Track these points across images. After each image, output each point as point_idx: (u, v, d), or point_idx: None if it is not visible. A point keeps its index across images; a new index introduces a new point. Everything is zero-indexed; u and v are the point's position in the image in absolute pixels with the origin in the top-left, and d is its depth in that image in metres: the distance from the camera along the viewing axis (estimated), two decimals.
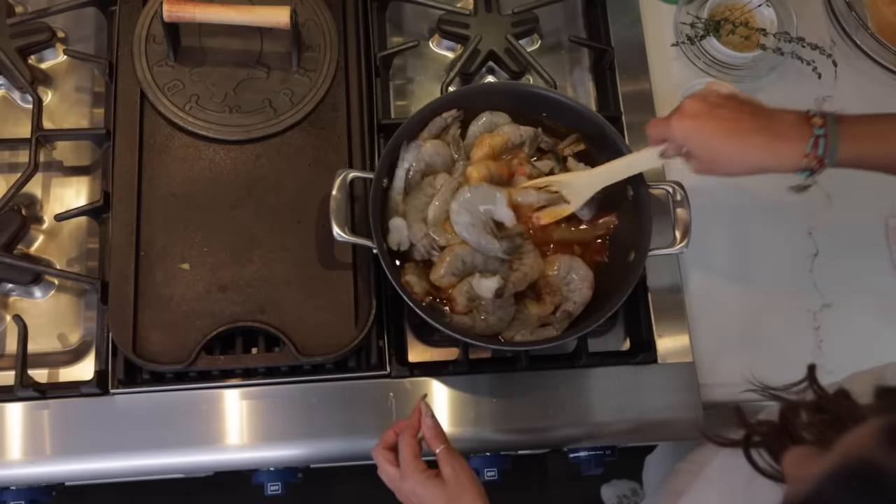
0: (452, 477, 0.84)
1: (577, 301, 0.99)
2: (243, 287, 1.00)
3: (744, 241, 1.13)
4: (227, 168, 1.06)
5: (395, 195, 1.01)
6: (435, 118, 1.02)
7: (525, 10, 1.18)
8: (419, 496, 0.84)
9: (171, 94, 1.07)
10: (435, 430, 0.87)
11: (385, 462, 0.87)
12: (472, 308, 0.98)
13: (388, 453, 0.87)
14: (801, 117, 0.84)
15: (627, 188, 1.01)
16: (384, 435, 0.88)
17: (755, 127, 0.84)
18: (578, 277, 1.00)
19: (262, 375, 1.01)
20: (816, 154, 0.82)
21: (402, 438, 0.86)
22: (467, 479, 0.84)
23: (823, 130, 0.82)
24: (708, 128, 0.85)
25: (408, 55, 1.20)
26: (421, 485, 0.84)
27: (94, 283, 1.03)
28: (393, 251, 0.99)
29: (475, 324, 0.97)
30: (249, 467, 1.03)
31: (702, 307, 1.09)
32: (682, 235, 0.98)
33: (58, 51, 1.17)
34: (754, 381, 0.73)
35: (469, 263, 0.99)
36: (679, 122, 0.87)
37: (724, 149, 0.85)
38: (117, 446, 0.99)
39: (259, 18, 1.03)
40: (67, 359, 1.04)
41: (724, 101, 0.86)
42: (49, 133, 1.09)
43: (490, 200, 0.99)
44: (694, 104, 0.86)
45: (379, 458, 0.87)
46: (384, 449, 0.88)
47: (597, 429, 1.02)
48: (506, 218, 0.99)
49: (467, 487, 0.83)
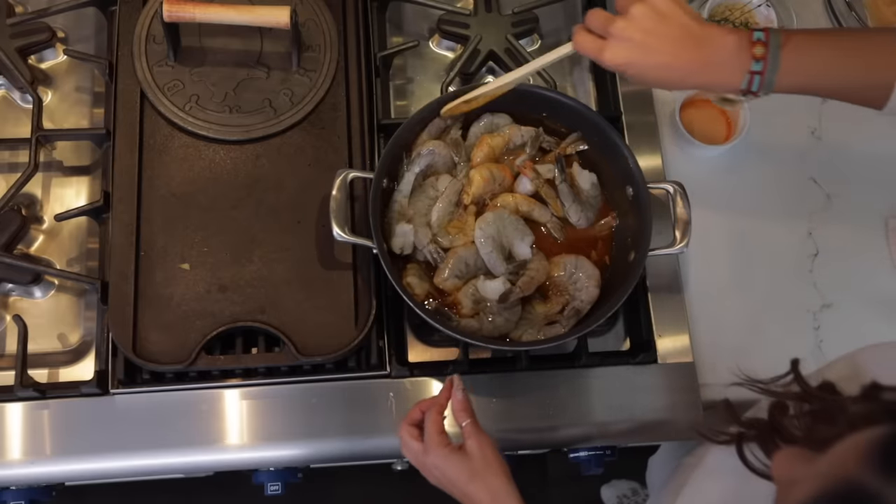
0: (477, 451, 0.83)
1: (585, 299, 0.99)
2: (243, 287, 1.00)
3: (744, 240, 1.13)
4: (227, 168, 1.06)
5: (401, 198, 1.01)
6: (435, 119, 1.02)
7: (525, 10, 1.18)
8: (441, 469, 0.84)
9: (171, 94, 1.07)
10: (464, 402, 0.87)
11: (409, 437, 0.86)
12: (479, 311, 0.98)
13: (413, 429, 0.87)
14: (742, 47, 0.82)
15: (627, 188, 1.01)
16: (410, 412, 0.88)
17: (692, 59, 0.82)
18: (585, 276, 1.00)
19: (262, 375, 1.01)
20: (751, 89, 0.82)
21: (429, 415, 0.86)
22: (491, 454, 0.83)
23: (761, 66, 0.81)
24: (642, 65, 0.83)
25: (408, 55, 1.20)
26: (444, 458, 0.83)
27: (94, 283, 1.03)
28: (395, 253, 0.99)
29: (482, 326, 0.97)
30: (249, 467, 1.03)
31: (702, 307, 1.09)
32: (682, 235, 0.98)
33: (58, 51, 1.17)
34: (740, 374, 0.73)
35: (472, 266, 0.99)
36: (612, 55, 0.83)
37: (659, 82, 0.87)
38: (117, 446, 0.99)
39: (259, 18, 1.03)
40: (67, 359, 1.04)
41: (663, 18, 0.81)
42: (49, 133, 1.09)
43: (518, 235, 1.00)
44: (627, 28, 0.82)
45: (403, 433, 0.87)
46: (409, 425, 0.87)
47: (597, 429, 1.02)
48: (522, 254, 1.00)
49: (491, 462, 0.83)
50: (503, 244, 1.00)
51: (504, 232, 1.00)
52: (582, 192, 1.04)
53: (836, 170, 1.16)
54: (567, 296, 1.00)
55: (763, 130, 1.16)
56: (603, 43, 0.84)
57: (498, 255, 0.99)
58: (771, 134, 1.17)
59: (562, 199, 1.03)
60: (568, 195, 1.03)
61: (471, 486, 0.82)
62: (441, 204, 1.00)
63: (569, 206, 1.03)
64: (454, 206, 1.02)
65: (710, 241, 1.11)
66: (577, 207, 1.03)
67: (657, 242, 0.97)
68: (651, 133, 1.15)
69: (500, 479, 0.82)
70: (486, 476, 0.82)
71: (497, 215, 1.00)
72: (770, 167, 1.16)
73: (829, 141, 1.18)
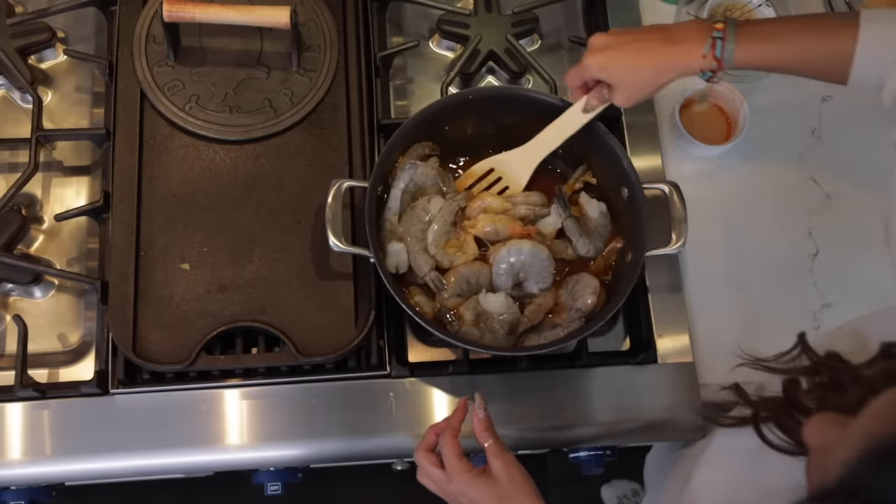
0: (504, 472, 0.81)
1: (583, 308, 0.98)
2: (243, 287, 1.00)
3: (744, 240, 1.13)
4: (227, 168, 1.06)
5: (391, 216, 1.00)
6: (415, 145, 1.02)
7: (525, 10, 1.17)
8: (468, 496, 0.81)
9: (171, 94, 1.07)
10: (486, 422, 0.84)
11: (429, 465, 0.84)
12: (480, 322, 0.98)
13: (431, 455, 0.84)
14: (702, 23, 0.90)
15: (622, 189, 1.01)
16: (424, 436, 0.86)
17: (660, 38, 0.90)
18: (581, 286, 1.00)
19: (262, 375, 1.01)
20: (714, 55, 0.87)
21: (444, 439, 0.84)
22: (519, 475, 0.81)
23: (721, 34, 0.87)
24: (620, 53, 0.90)
25: (408, 55, 1.20)
26: (469, 484, 0.80)
27: (94, 283, 1.03)
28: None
29: (483, 335, 0.97)
30: (249, 467, 1.03)
31: (702, 307, 1.09)
32: (679, 236, 0.98)
33: (58, 51, 1.17)
34: (743, 355, 0.73)
35: (474, 283, 0.99)
36: (592, 57, 0.91)
37: (637, 64, 0.91)
38: (117, 446, 0.99)
39: (259, 18, 1.03)
40: (67, 359, 1.04)
41: (626, 30, 0.93)
42: (49, 133, 1.09)
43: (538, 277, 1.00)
44: (600, 38, 0.92)
45: (422, 461, 0.84)
46: (426, 451, 0.85)
47: (597, 429, 1.02)
48: (531, 290, 1.00)
49: (519, 483, 0.80)
50: (519, 274, 1.00)
51: (526, 266, 0.99)
52: (590, 222, 1.03)
53: (836, 170, 1.16)
54: (571, 310, 1.00)
55: (763, 130, 1.16)
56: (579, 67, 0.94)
57: (509, 279, 0.99)
58: (771, 134, 1.17)
59: (568, 234, 1.02)
60: (574, 230, 1.01)
61: None
62: (437, 225, 0.99)
63: (576, 241, 1.01)
64: (451, 226, 1.01)
65: (711, 240, 1.11)
66: (584, 241, 1.01)
67: (655, 243, 0.97)
68: (651, 133, 1.15)
69: (530, 500, 0.80)
70: (516, 497, 0.79)
71: (519, 251, 0.98)
72: (770, 167, 1.16)
73: (829, 141, 1.18)
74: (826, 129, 1.18)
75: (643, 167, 1.10)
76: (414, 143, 1.03)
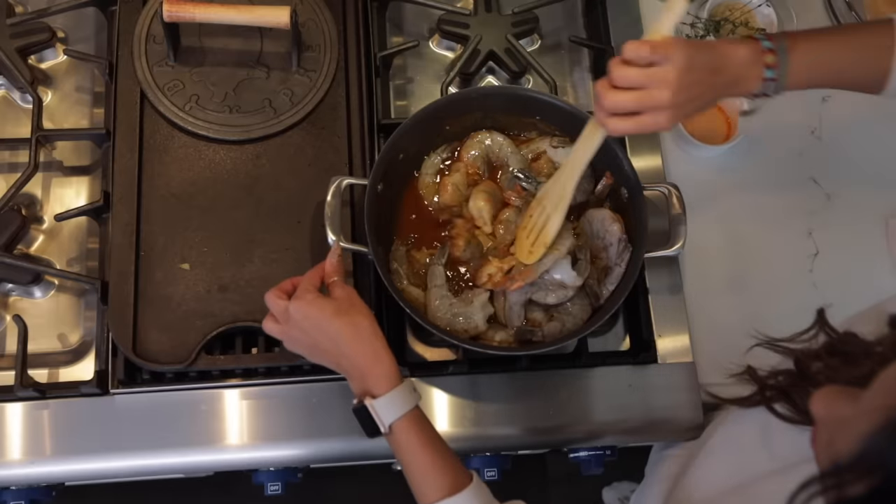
0: (343, 295, 0.85)
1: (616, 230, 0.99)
2: (243, 287, 1.00)
3: (744, 241, 1.13)
4: (227, 168, 1.05)
5: None
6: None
7: (525, 10, 1.17)
8: (304, 313, 0.83)
9: (171, 94, 1.07)
10: (337, 266, 0.88)
11: (274, 297, 0.86)
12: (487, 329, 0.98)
13: (280, 292, 0.87)
14: (754, 60, 0.87)
15: (622, 190, 1.01)
16: (281, 283, 0.88)
17: (714, 85, 0.86)
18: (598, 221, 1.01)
19: (262, 375, 1.01)
20: (765, 93, 0.89)
21: (305, 275, 0.87)
22: (359, 301, 0.85)
23: (774, 73, 0.87)
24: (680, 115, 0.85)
25: (408, 55, 1.20)
26: (309, 303, 0.83)
27: (94, 283, 1.03)
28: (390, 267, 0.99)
29: (564, 324, 0.98)
30: (249, 467, 1.03)
31: (702, 307, 1.08)
32: (678, 237, 0.98)
33: (58, 51, 1.17)
34: (759, 335, 0.74)
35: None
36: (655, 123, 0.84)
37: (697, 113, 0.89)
38: (117, 446, 0.99)
39: (259, 18, 1.03)
40: (67, 359, 1.04)
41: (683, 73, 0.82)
42: (49, 133, 1.09)
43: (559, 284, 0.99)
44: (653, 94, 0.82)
45: (269, 297, 0.86)
46: (277, 290, 0.87)
47: (597, 429, 1.02)
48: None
49: (357, 306, 0.84)
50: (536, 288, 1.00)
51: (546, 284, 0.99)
52: None
53: (836, 170, 1.16)
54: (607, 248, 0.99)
55: (763, 130, 1.16)
56: (639, 118, 0.84)
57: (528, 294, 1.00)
58: (771, 134, 1.17)
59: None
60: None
61: (335, 323, 0.82)
62: (437, 301, 0.99)
63: None
64: (447, 292, 1.00)
65: (711, 240, 1.11)
66: None
67: (654, 243, 0.97)
68: (651, 134, 1.15)
69: (366, 320, 0.83)
70: (351, 314, 0.83)
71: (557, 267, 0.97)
72: (770, 167, 1.16)
73: (829, 141, 1.18)
74: (826, 129, 1.18)
75: (643, 167, 1.10)
76: (414, 142, 1.03)
